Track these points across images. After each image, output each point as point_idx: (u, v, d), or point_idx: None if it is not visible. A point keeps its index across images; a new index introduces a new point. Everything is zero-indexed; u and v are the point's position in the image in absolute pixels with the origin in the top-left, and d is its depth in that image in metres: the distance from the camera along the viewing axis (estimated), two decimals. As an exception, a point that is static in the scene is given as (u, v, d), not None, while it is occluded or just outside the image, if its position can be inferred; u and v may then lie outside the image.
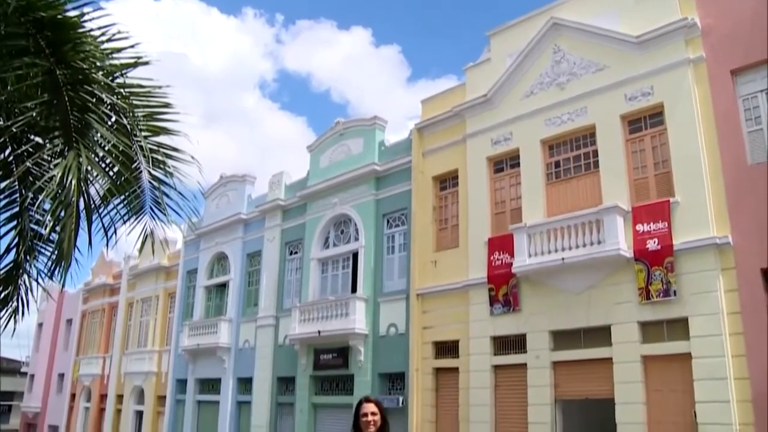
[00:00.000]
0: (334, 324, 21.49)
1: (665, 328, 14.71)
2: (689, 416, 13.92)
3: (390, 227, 21.87)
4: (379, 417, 5.16)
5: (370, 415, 5.13)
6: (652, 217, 15.12)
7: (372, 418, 5.12)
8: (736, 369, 13.46)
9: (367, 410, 5.14)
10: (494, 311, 17.59)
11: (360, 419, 5.15)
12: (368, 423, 5.11)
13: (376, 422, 5.13)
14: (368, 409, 5.15)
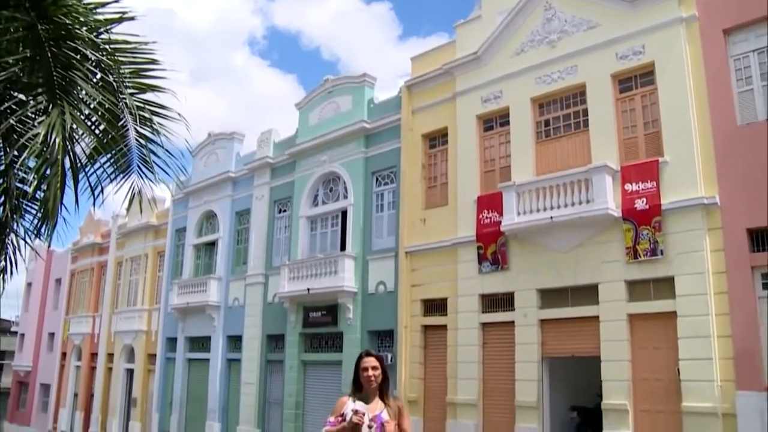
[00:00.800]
0: (323, 282, 21.56)
1: (652, 287, 14.84)
2: (673, 373, 14.15)
3: (379, 185, 21.84)
4: (379, 371, 5.05)
5: (371, 370, 5.02)
6: (641, 176, 15.14)
7: (372, 372, 5.01)
8: (720, 327, 13.66)
9: (368, 364, 5.03)
10: (483, 269, 17.69)
11: (360, 373, 5.04)
12: (369, 378, 5.00)
13: (376, 377, 5.03)
14: (369, 364, 5.04)
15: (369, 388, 5.02)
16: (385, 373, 5.12)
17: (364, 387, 5.02)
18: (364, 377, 5.01)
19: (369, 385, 5.00)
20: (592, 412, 15.92)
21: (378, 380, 5.05)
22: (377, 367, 5.04)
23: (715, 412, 13.30)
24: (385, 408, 5.01)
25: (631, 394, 14.68)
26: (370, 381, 5.00)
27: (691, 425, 13.58)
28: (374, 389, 5.03)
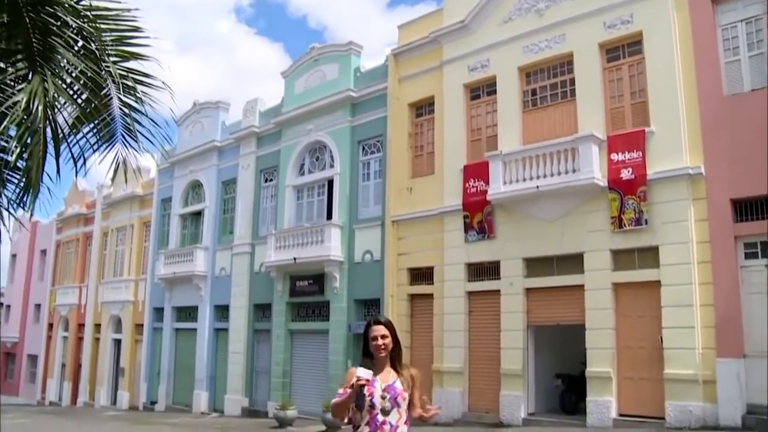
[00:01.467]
0: (309, 251, 21.58)
1: (636, 256, 14.97)
2: (656, 341, 14.35)
3: (365, 154, 21.77)
4: (390, 339, 4.75)
5: (380, 339, 4.72)
6: (627, 146, 15.18)
7: (382, 341, 4.72)
8: (702, 296, 13.84)
9: (377, 333, 4.74)
10: (469, 238, 17.75)
11: (370, 343, 4.76)
12: (379, 346, 4.71)
13: (386, 345, 4.73)
14: (378, 332, 4.74)
15: (379, 357, 4.72)
16: (397, 341, 4.82)
17: (375, 356, 4.73)
18: (373, 346, 4.73)
19: (379, 353, 4.71)
20: (577, 379, 16.11)
21: (388, 348, 4.75)
22: (387, 335, 4.74)
23: (696, 378, 13.54)
24: (398, 378, 4.71)
25: (614, 362, 14.87)
26: (380, 350, 4.71)
27: (672, 391, 13.81)
28: (385, 358, 4.73)
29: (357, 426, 4.58)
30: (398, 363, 4.79)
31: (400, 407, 4.62)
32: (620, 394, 14.80)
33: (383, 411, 4.55)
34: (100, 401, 33.31)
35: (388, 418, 4.55)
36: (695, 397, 13.54)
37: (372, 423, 4.54)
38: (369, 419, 4.55)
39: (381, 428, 4.52)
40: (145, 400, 30.19)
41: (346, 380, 4.63)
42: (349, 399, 4.50)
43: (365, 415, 4.55)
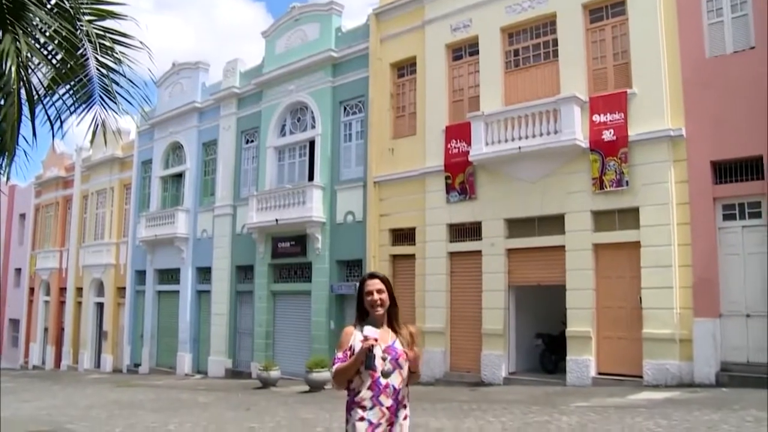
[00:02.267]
0: (291, 212, 21.54)
1: (617, 217, 15.08)
2: (635, 301, 14.53)
3: (347, 115, 21.64)
4: (386, 294, 4.33)
5: (376, 293, 4.30)
6: (609, 107, 15.18)
7: (378, 296, 4.29)
8: (681, 257, 14.01)
9: (372, 287, 4.32)
10: (450, 199, 17.77)
11: (364, 299, 4.34)
12: (374, 302, 4.29)
13: (383, 300, 4.31)
14: (373, 287, 4.32)
15: (375, 315, 4.31)
16: (393, 297, 4.41)
17: (370, 314, 4.33)
18: (368, 302, 4.32)
19: (375, 310, 4.30)
20: (557, 338, 16.31)
21: (385, 305, 4.34)
22: (383, 290, 4.32)
23: (674, 338, 13.78)
24: (397, 337, 4.32)
25: (594, 322, 15.06)
26: (376, 306, 4.29)
27: (650, 350, 14.04)
28: (381, 316, 4.33)
29: (357, 391, 4.22)
30: (396, 321, 4.39)
31: (402, 368, 4.27)
32: (599, 354, 15.02)
33: (384, 374, 4.20)
34: (83, 364, 33.36)
35: (390, 380, 4.22)
36: (672, 355, 13.79)
37: (374, 387, 4.19)
38: (371, 383, 4.20)
39: (384, 392, 4.19)
40: (128, 363, 30.29)
41: (342, 341, 4.35)
42: (355, 362, 4.15)
43: (365, 378, 4.20)
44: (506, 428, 9.75)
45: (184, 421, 12.12)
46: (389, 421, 4.16)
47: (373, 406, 4.15)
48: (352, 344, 4.26)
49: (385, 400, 4.16)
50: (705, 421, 9.36)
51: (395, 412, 4.19)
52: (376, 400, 4.16)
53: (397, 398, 4.21)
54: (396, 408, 4.19)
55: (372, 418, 4.13)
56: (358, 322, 4.38)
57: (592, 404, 11.90)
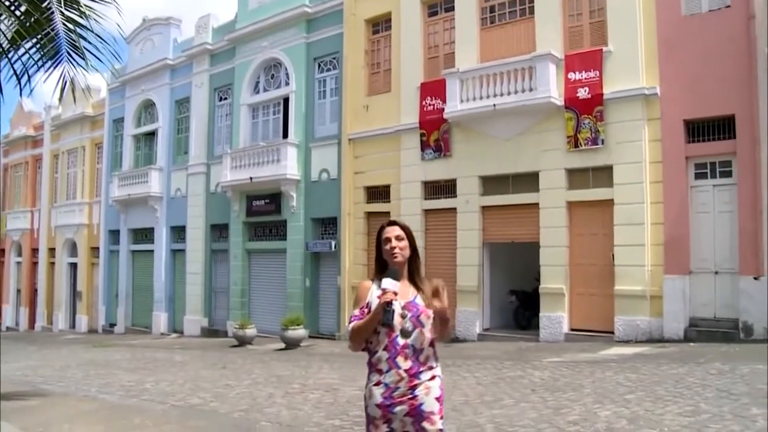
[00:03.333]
0: (265, 170, 21.37)
1: (590, 175, 15.12)
2: (608, 258, 14.65)
3: (321, 71, 21.35)
4: (406, 243, 3.83)
5: (395, 240, 3.80)
6: (585, 65, 15.11)
7: (397, 243, 3.79)
8: (653, 215, 14.14)
9: (391, 234, 3.82)
10: (425, 156, 17.70)
11: (382, 248, 3.85)
12: (393, 250, 3.77)
13: (402, 249, 3.81)
14: (392, 233, 3.83)
15: (394, 264, 3.79)
16: (415, 248, 3.89)
17: (389, 265, 3.80)
18: (386, 251, 3.80)
19: (393, 259, 3.77)
20: (530, 295, 16.45)
21: (405, 255, 3.81)
22: (402, 237, 3.82)
23: (645, 294, 13.97)
24: (418, 293, 3.78)
25: (567, 279, 15.19)
26: (394, 255, 3.77)
27: (621, 307, 14.24)
28: (401, 265, 3.80)
29: (373, 351, 3.71)
30: (417, 275, 3.87)
31: (425, 327, 3.69)
32: (572, 310, 15.18)
33: (404, 333, 3.65)
34: (58, 325, 33.21)
35: (410, 340, 3.66)
36: (643, 311, 13.98)
37: (391, 347, 3.66)
38: (387, 343, 3.66)
39: (402, 353, 3.64)
40: (104, 323, 30.16)
41: (359, 297, 3.84)
42: (372, 320, 3.63)
43: (382, 338, 3.67)
44: (480, 383, 9.84)
45: (160, 380, 12.11)
46: (409, 384, 3.62)
47: (389, 369, 3.64)
48: (369, 300, 3.75)
49: (403, 361, 3.63)
50: (672, 374, 9.52)
51: (416, 375, 3.64)
52: (392, 362, 3.64)
53: (419, 359, 3.67)
54: (417, 370, 3.64)
55: (388, 381, 3.63)
56: (377, 275, 3.85)
57: (564, 359, 12.05)
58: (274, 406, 8.97)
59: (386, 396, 3.61)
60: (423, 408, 3.61)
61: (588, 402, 7.88)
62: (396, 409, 3.60)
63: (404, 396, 3.60)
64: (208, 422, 8.15)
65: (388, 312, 3.55)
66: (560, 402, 8.04)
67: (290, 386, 10.69)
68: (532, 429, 6.76)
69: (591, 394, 8.35)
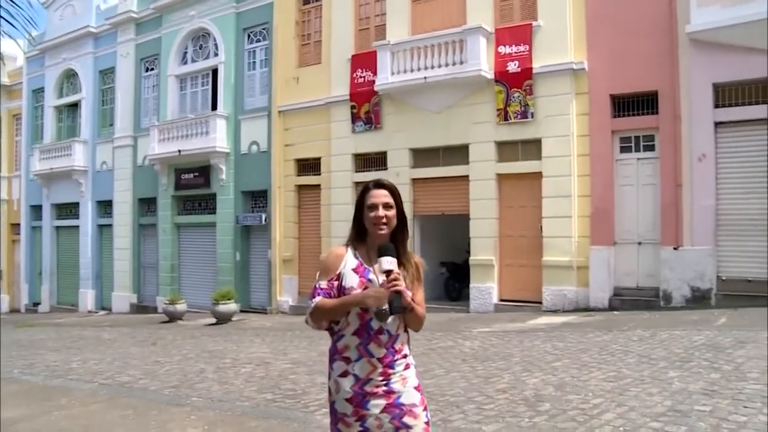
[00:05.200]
0: (194, 143, 20.96)
1: (520, 148, 15.34)
2: (536, 230, 14.96)
3: (251, 42, 20.96)
4: (394, 212, 3.12)
5: (382, 209, 3.09)
6: (515, 39, 15.25)
7: (385, 212, 3.09)
8: (580, 187, 14.48)
9: (378, 200, 3.10)
10: (356, 129, 17.66)
11: (365, 214, 3.14)
12: (379, 219, 3.08)
13: (390, 219, 3.11)
14: (379, 199, 3.11)
15: (377, 236, 3.11)
16: (403, 215, 3.19)
17: (371, 234, 3.15)
18: (371, 219, 3.10)
19: (378, 230, 3.10)
20: (461, 267, 16.66)
21: (392, 225, 3.13)
22: (391, 206, 3.12)
23: (571, 265, 14.34)
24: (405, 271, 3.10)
25: (497, 250, 15.45)
26: (380, 226, 3.09)
27: (549, 277, 14.59)
28: (385, 238, 3.11)
29: (339, 335, 3.12)
30: (402, 248, 3.17)
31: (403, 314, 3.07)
32: (501, 281, 15.47)
33: (379, 315, 3.03)
34: (-24, 305, 32.04)
35: (386, 324, 3.06)
36: (570, 282, 14.36)
37: (363, 332, 3.06)
38: (359, 327, 3.06)
39: (376, 339, 3.05)
40: (27, 302, 29.14)
41: (328, 266, 3.14)
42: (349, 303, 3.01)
43: (352, 320, 3.07)
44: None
45: (87, 359, 11.82)
46: (383, 375, 3.05)
47: (359, 357, 3.05)
48: (342, 271, 3.10)
49: (377, 349, 3.05)
50: (597, 342, 9.80)
51: (390, 364, 3.07)
52: (363, 350, 3.06)
53: (394, 347, 3.09)
54: (392, 359, 3.08)
55: (359, 372, 3.05)
56: (354, 242, 3.22)
57: (494, 329, 12.27)
58: (206, 382, 8.88)
59: (356, 389, 3.03)
60: (402, 401, 3.06)
61: (517, 370, 8.05)
62: (370, 404, 3.03)
63: (377, 388, 3.04)
64: (138, 399, 8.01)
65: (396, 301, 2.91)
66: (490, 371, 8.20)
67: (222, 361, 10.60)
68: (463, 398, 6.88)
69: (520, 363, 8.54)
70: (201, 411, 7.16)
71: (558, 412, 6.05)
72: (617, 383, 6.97)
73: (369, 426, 3.03)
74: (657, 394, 6.37)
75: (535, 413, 6.08)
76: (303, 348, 11.53)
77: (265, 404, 7.36)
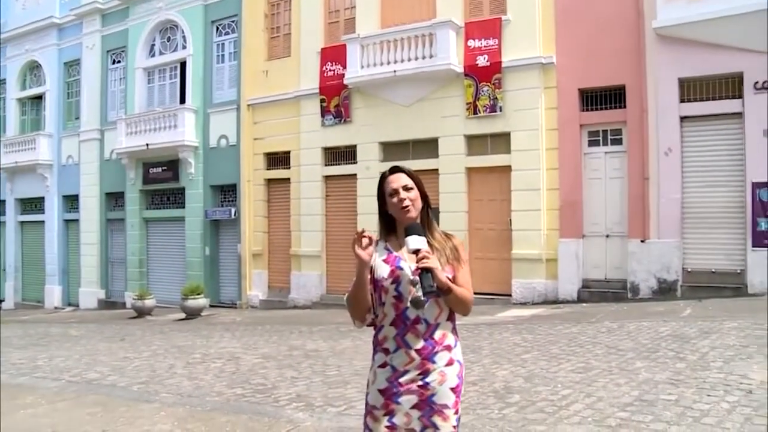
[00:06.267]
0: (162, 136, 20.72)
1: (489, 141, 15.42)
2: (505, 223, 15.07)
3: (220, 35, 20.76)
4: (416, 193, 3.04)
5: (403, 191, 3.01)
6: (484, 33, 15.31)
7: (407, 194, 3.01)
8: (549, 181, 14.59)
9: (397, 184, 3.03)
10: (325, 122, 17.62)
11: (388, 201, 3.07)
12: (402, 203, 3.00)
13: (413, 200, 3.02)
14: (398, 183, 3.04)
15: (406, 221, 3.00)
16: (427, 198, 3.12)
17: (399, 222, 3.06)
18: (394, 204, 3.02)
19: (406, 214, 2.99)
20: (431, 260, 16.68)
21: (418, 207, 3.03)
22: (411, 187, 3.03)
23: (540, 258, 14.48)
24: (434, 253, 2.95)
25: (466, 243, 15.43)
26: (405, 209, 2.99)
27: (519, 270, 14.72)
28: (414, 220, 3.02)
29: (379, 326, 3.03)
30: (429, 230, 3.08)
31: (440, 296, 2.92)
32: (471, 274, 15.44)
33: (415, 303, 2.89)
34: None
35: (423, 313, 2.93)
36: (539, 274, 14.49)
37: (399, 322, 2.95)
38: (395, 317, 2.96)
39: (413, 329, 2.93)
40: (-10, 299, 28.69)
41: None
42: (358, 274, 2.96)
43: (388, 310, 2.97)
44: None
45: (54, 356, 11.65)
46: (421, 368, 2.91)
47: (397, 348, 2.94)
48: (373, 265, 3.02)
49: (414, 340, 2.92)
50: (566, 333, 9.91)
51: (430, 356, 2.92)
52: (400, 340, 2.94)
53: (433, 337, 2.95)
54: (432, 351, 2.93)
55: (396, 364, 2.93)
56: (385, 235, 3.15)
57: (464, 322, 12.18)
58: (175, 377, 8.82)
59: (392, 381, 2.92)
60: (434, 399, 2.91)
61: (486, 363, 8.11)
62: (402, 398, 2.91)
63: (413, 383, 2.91)
64: (107, 396, 7.93)
65: (425, 280, 2.76)
66: (459, 364, 8.22)
67: (191, 356, 10.53)
68: (433, 391, 6.90)
69: (489, 355, 8.60)
70: (170, 407, 7.10)
71: (527, 404, 6.11)
72: (586, 374, 7.06)
73: (397, 422, 2.92)
74: (624, 385, 6.46)
75: (504, 405, 6.14)
76: (273, 342, 11.50)
77: (235, 399, 7.34)
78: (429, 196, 3.15)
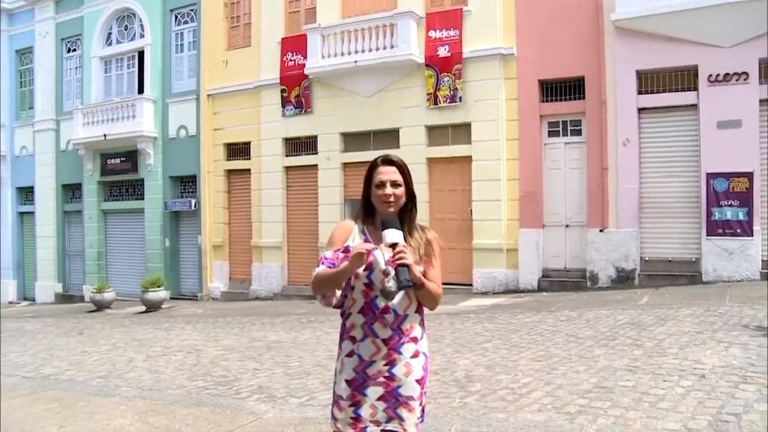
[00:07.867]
0: (120, 126, 20.39)
1: (450, 132, 15.49)
2: (466, 213, 15.16)
3: (178, 24, 20.46)
4: (403, 189, 3.05)
5: (389, 186, 3.02)
6: (445, 24, 15.35)
7: (393, 190, 3.02)
8: (510, 171, 14.72)
9: (386, 177, 3.03)
10: (286, 113, 17.52)
11: (373, 191, 3.07)
12: (386, 197, 3.01)
13: (398, 197, 3.03)
14: (386, 176, 3.03)
15: (385, 215, 3.02)
16: (412, 193, 3.14)
17: (378, 212, 3.08)
18: (378, 196, 3.03)
19: (387, 207, 3.02)
20: (392, 250, 16.70)
21: (400, 203, 3.06)
22: (399, 183, 3.04)
23: (501, 248, 14.62)
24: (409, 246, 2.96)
25: (428, 233, 15.53)
26: (388, 203, 3.01)
27: (479, 260, 14.84)
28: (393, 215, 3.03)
29: (347, 314, 3.06)
30: (409, 224, 3.12)
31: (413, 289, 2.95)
32: (433, 264, 15.57)
33: (385, 293, 2.88)
34: None
35: (393, 303, 2.95)
36: (499, 264, 14.64)
37: (368, 310, 2.98)
38: (364, 305, 2.99)
39: (381, 319, 2.96)
40: (-60, 294, 28.00)
41: (336, 237, 3.09)
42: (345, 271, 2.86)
43: (357, 297, 3.00)
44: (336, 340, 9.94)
45: (8, 351, 11.40)
46: (387, 358, 2.96)
47: (364, 337, 2.97)
48: (349, 244, 3.01)
49: (382, 329, 2.96)
50: (527, 322, 10.02)
51: (396, 347, 2.97)
52: (368, 329, 2.97)
53: (401, 328, 2.99)
54: (399, 342, 2.98)
55: (363, 353, 2.97)
56: (363, 218, 3.15)
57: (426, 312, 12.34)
58: (135, 371, 8.72)
59: (359, 371, 2.96)
60: (400, 391, 2.95)
61: (448, 352, 8.16)
62: (368, 390, 2.95)
63: (379, 374, 2.95)
64: (64, 392, 7.80)
65: (402, 274, 2.77)
66: (421, 354, 8.26)
67: (152, 349, 10.41)
68: (395, 381, 6.92)
69: (451, 345, 8.65)
70: (131, 401, 7.02)
71: (488, 392, 6.16)
72: (546, 362, 7.14)
73: (362, 414, 2.94)
74: (584, 372, 6.56)
75: (466, 393, 6.18)
76: (234, 334, 11.43)
77: (196, 392, 7.28)
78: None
